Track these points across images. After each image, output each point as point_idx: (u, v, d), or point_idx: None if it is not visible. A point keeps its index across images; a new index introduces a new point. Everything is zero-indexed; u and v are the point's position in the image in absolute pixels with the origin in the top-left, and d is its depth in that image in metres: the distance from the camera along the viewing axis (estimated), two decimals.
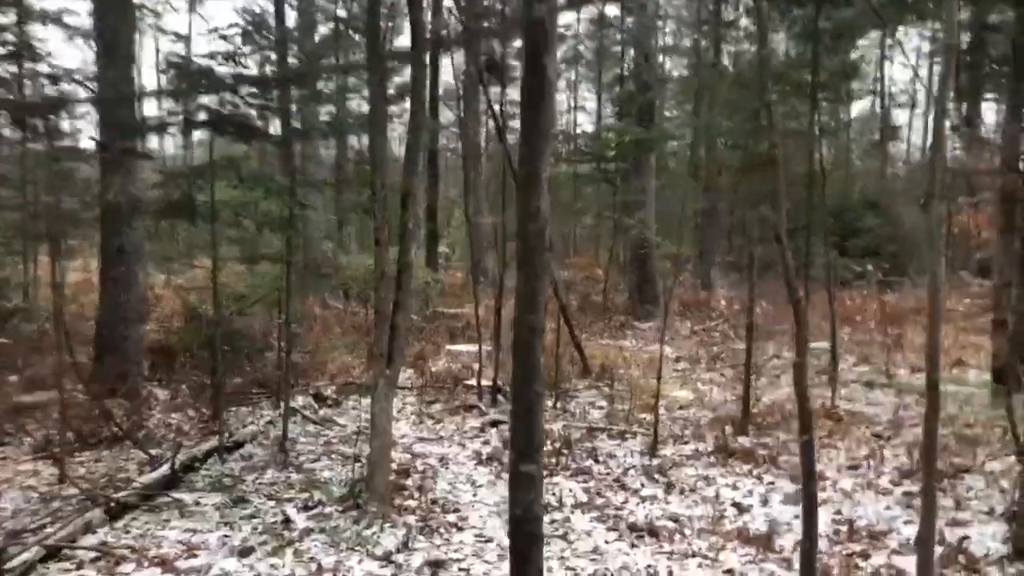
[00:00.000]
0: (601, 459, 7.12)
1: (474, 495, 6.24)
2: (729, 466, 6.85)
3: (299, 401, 9.31)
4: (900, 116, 31.63)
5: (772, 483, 6.35)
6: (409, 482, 6.48)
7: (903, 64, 31.98)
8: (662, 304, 14.94)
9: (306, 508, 5.87)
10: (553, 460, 6.92)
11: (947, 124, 4.02)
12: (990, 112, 26.99)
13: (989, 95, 21.26)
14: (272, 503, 6.00)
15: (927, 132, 31.85)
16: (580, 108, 33.24)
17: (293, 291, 9.05)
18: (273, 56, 12.06)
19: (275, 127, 10.81)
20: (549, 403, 9.27)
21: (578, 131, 31.92)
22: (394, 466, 6.87)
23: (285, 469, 6.79)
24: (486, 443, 7.74)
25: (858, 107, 30.63)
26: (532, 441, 2.55)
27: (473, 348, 11.77)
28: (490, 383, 9.39)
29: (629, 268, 16.37)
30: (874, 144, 27.65)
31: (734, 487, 6.30)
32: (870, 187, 25.64)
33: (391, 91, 18.13)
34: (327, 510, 5.80)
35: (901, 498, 5.77)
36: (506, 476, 6.50)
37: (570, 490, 6.26)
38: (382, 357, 5.27)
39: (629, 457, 7.23)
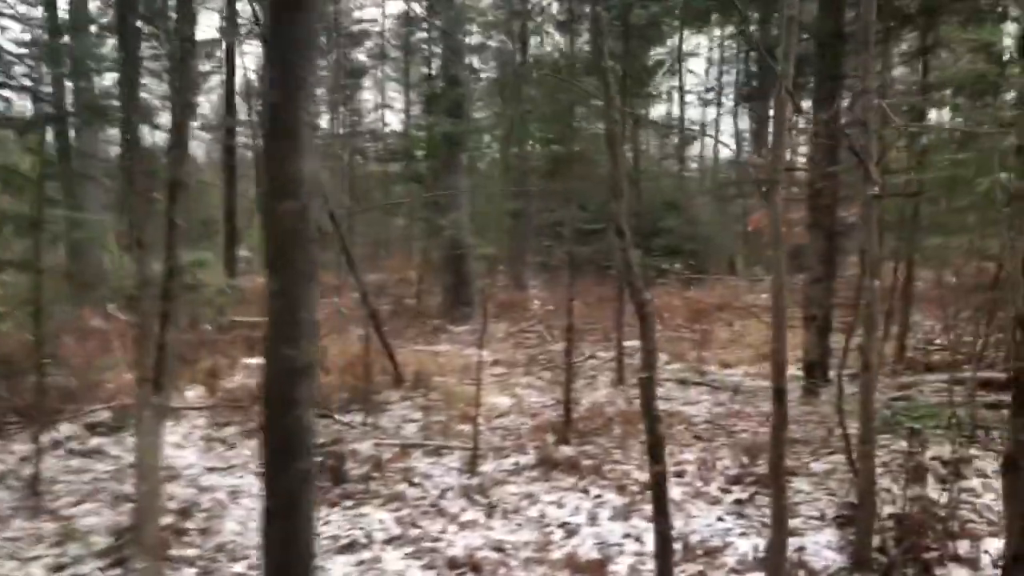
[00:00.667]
0: (416, 481, 6.46)
1: None
2: (553, 480, 6.38)
3: (63, 431, 8.02)
4: (702, 117, 33.02)
5: (599, 496, 5.93)
6: (191, 524, 5.55)
7: (693, 72, 33.47)
8: (478, 306, 14.49)
9: (58, 568, 4.82)
10: (361, 487, 6.19)
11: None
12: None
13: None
14: (14, 564, 4.89)
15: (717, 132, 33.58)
16: (388, 107, 32.32)
17: (55, 302, 7.75)
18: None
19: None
20: (358, 419, 8.50)
21: (387, 130, 31.10)
22: (174, 504, 5.92)
23: (36, 517, 5.63)
24: None
25: (656, 111, 31.72)
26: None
27: None
28: None
29: (443, 270, 15.77)
30: (675, 146, 28.69)
31: (559, 504, 5.83)
32: (669, 187, 26.53)
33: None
34: (85, 568, 4.80)
35: (732, 507, 5.51)
36: None
37: (380, 521, 5.56)
38: (147, 382, 4.34)
39: (447, 476, 6.61)
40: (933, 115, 10.77)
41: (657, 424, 3.12)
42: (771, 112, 27.50)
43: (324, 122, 36.80)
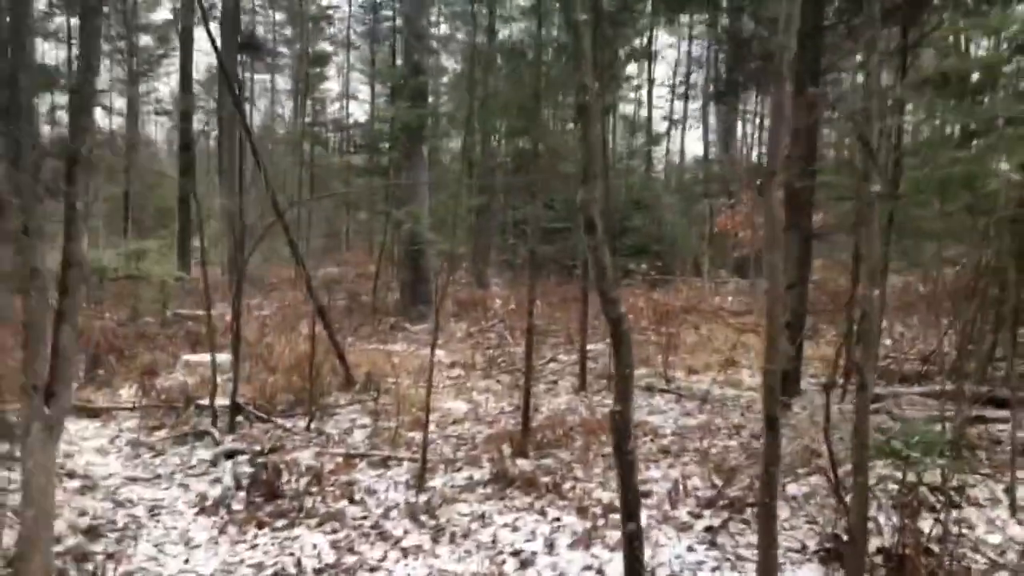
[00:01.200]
0: (358, 497, 5.88)
1: (186, 561, 4.79)
2: (508, 498, 5.84)
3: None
4: (670, 114, 32.68)
5: (558, 519, 5.40)
6: (99, 547, 4.91)
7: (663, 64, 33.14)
8: (436, 304, 13.91)
9: None
10: (295, 504, 5.59)
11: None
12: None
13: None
14: None
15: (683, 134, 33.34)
16: (352, 97, 31.57)
17: None
18: None
19: None
20: (301, 425, 7.89)
21: (351, 120, 30.38)
22: (85, 521, 5.29)
23: None
24: (216, 481, 6.23)
25: (625, 108, 31.32)
26: None
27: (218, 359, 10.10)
28: (228, 402, 7.85)
29: (401, 266, 15.15)
30: (642, 143, 28.31)
31: (514, 527, 5.29)
32: (635, 187, 26.13)
33: None
34: None
35: (703, 535, 4.99)
36: (235, 529, 5.10)
37: (314, 546, 4.97)
38: (36, 391, 3.71)
39: (392, 492, 6.04)
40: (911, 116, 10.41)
41: (633, 473, 2.59)
42: (762, 105, 27.22)
43: (287, 110, 35.99)
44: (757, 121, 27.45)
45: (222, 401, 7.91)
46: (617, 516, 5.25)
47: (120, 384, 9.56)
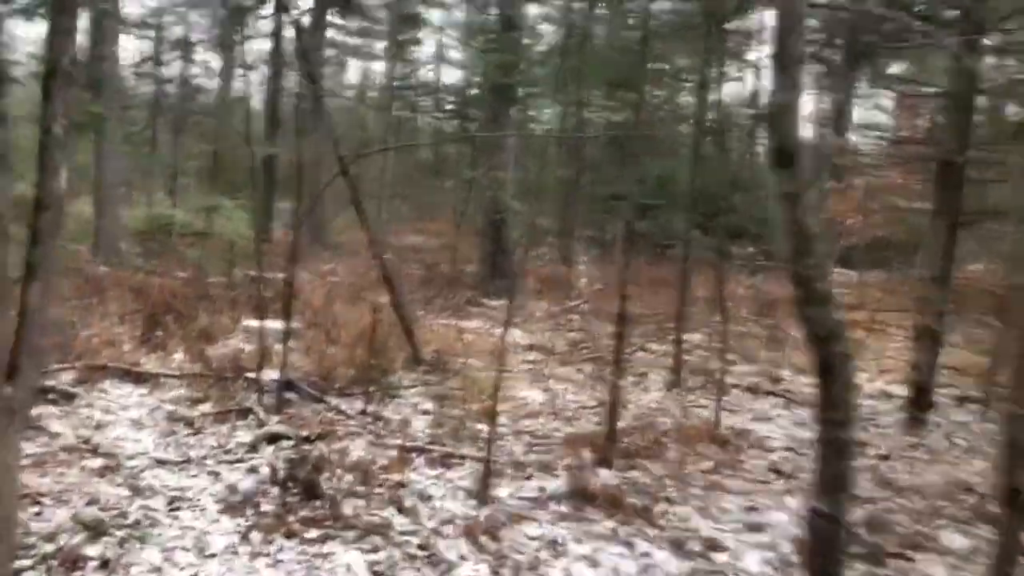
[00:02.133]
0: (409, 504, 4.97)
1: None
2: (587, 520, 4.84)
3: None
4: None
5: (647, 555, 4.38)
6: (96, 549, 4.12)
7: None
8: (517, 279, 12.96)
9: None
10: (333, 509, 4.71)
11: None
12: None
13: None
14: None
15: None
16: (445, 60, 30.70)
17: None
18: None
19: None
20: (358, 407, 7.04)
21: (442, 84, 29.57)
22: (92, 513, 4.51)
23: None
24: (251, 471, 5.42)
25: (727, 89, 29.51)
26: None
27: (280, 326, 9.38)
28: (277, 376, 7.06)
29: (482, 236, 14.19)
30: (750, 121, 26.58)
31: (593, 561, 4.30)
32: (734, 165, 24.46)
33: None
34: None
35: None
36: (259, 536, 4.23)
37: (348, 568, 4.08)
38: None
39: (450, 500, 5.12)
40: None
41: None
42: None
43: (378, 75, 35.38)
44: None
45: (274, 375, 7.13)
46: (723, 557, 4.22)
47: (175, 348, 8.91)
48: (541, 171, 18.83)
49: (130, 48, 24.57)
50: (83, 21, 18.07)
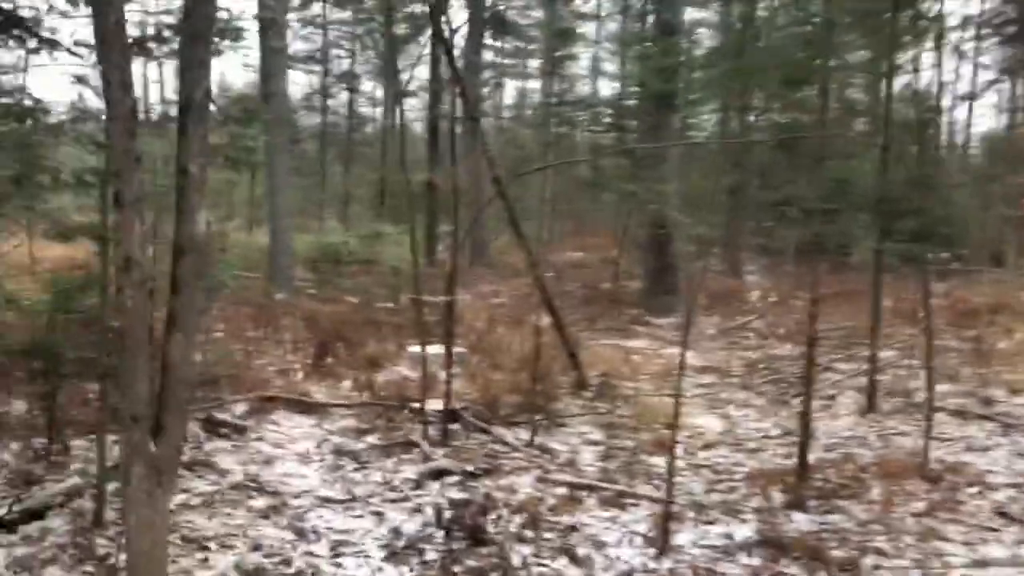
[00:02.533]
0: (582, 553, 4.57)
1: None
2: None
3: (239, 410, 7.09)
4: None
5: None
6: None
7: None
8: (683, 295, 12.34)
9: None
10: (501, 559, 4.37)
11: None
12: None
13: None
14: None
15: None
16: (600, 73, 30.37)
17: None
18: None
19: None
20: (524, 437, 6.73)
21: (599, 97, 29.20)
22: (255, 561, 4.40)
23: (80, 565, 4.29)
24: (416, 511, 5.20)
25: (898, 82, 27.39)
26: None
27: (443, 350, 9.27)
28: (441, 407, 6.86)
29: (645, 251, 13.65)
30: (926, 116, 24.57)
31: None
32: (912, 164, 22.61)
33: None
34: None
35: None
36: None
37: None
38: (136, 422, 2.73)
39: (626, 547, 4.68)
40: None
41: None
42: None
43: (534, 92, 35.48)
44: None
45: (438, 404, 6.95)
46: None
47: (345, 374, 8.96)
48: (705, 180, 18.05)
49: (299, 83, 25.79)
50: (253, 58, 18.99)
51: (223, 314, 10.07)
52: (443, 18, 9.57)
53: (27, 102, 4.88)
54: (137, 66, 14.64)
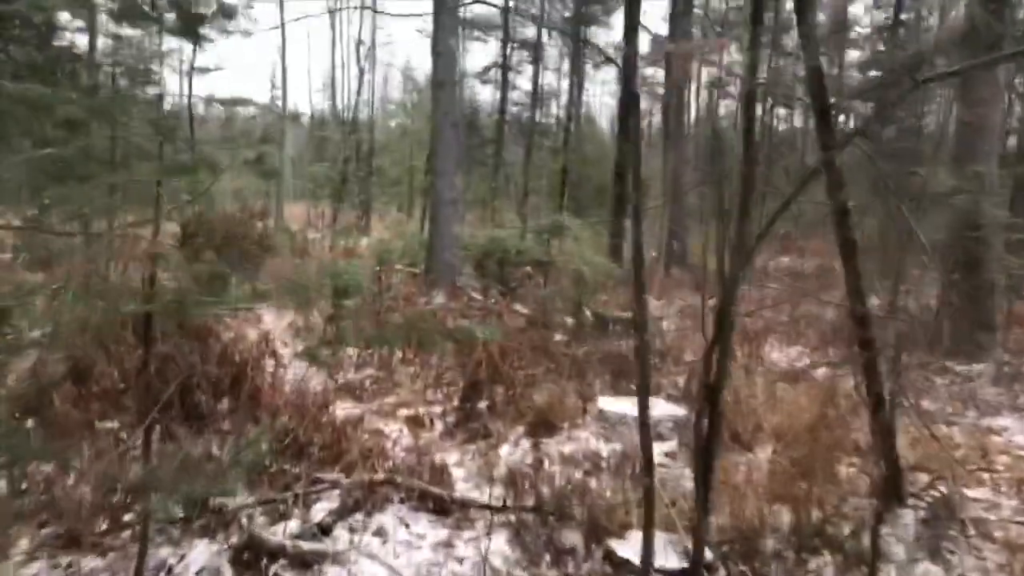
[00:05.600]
0: None
1: None
2: None
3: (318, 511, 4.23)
4: None
5: None
6: None
7: None
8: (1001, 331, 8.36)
9: None
10: None
11: None
12: None
13: None
14: None
15: None
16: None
17: None
18: None
19: None
20: None
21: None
22: None
23: None
24: None
25: None
26: None
27: (664, 408, 5.96)
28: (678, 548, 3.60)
29: (945, 265, 9.47)
30: None
31: None
32: None
33: None
34: None
35: None
36: None
37: None
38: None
39: None
40: None
41: None
42: None
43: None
44: None
45: (663, 541, 3.69)
46: None
47: (503, 440, 5.86)
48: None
49: (476, 53, 23.22)
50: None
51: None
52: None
53: None
54: None
